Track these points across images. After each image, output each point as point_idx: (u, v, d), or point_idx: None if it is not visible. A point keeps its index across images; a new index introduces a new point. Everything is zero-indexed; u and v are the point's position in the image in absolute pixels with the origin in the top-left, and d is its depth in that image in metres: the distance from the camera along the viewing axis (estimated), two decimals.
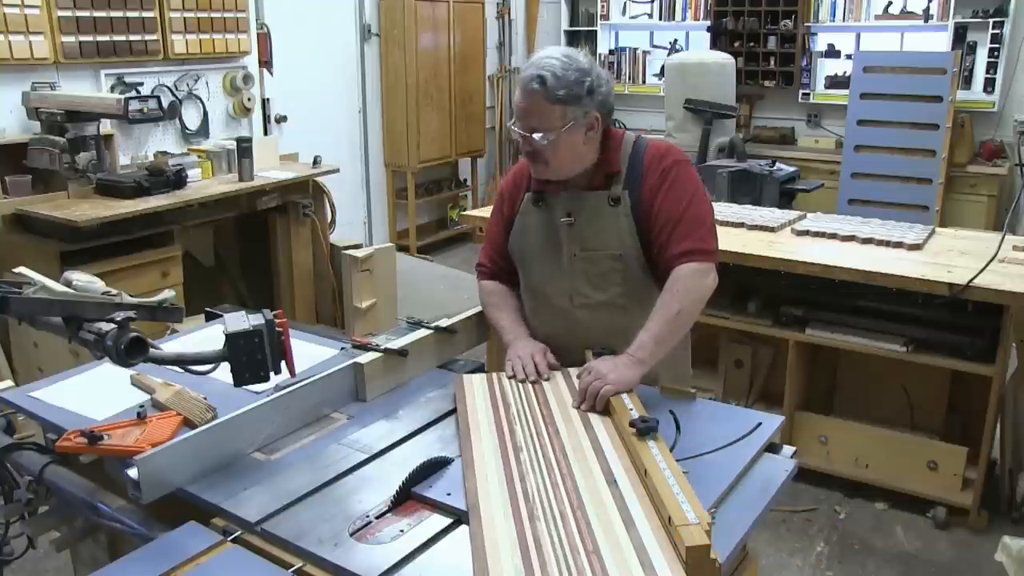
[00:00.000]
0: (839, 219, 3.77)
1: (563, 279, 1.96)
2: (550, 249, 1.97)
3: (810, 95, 6.35)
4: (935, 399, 3.30)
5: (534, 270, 2.01)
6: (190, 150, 4.43)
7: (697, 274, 1.81)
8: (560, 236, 1.94)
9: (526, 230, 2.00)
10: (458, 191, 7.14)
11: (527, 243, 2.01)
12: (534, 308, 2.06)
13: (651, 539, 1.24)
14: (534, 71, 1.79)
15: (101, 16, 4.00)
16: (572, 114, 1.80)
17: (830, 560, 2.92)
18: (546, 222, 1.97)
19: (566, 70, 1.79)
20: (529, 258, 2.01)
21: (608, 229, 1.90)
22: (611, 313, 1.93)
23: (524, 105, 1.82)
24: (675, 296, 1.79)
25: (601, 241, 1.91)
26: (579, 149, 1.87)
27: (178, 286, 3.75)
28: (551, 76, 1.78)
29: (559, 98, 1.78)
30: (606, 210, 1.91)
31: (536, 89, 1.79)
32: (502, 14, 7.27)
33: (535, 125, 1.81)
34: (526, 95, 1.81)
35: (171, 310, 1.58)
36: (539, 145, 1.82)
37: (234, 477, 1.50)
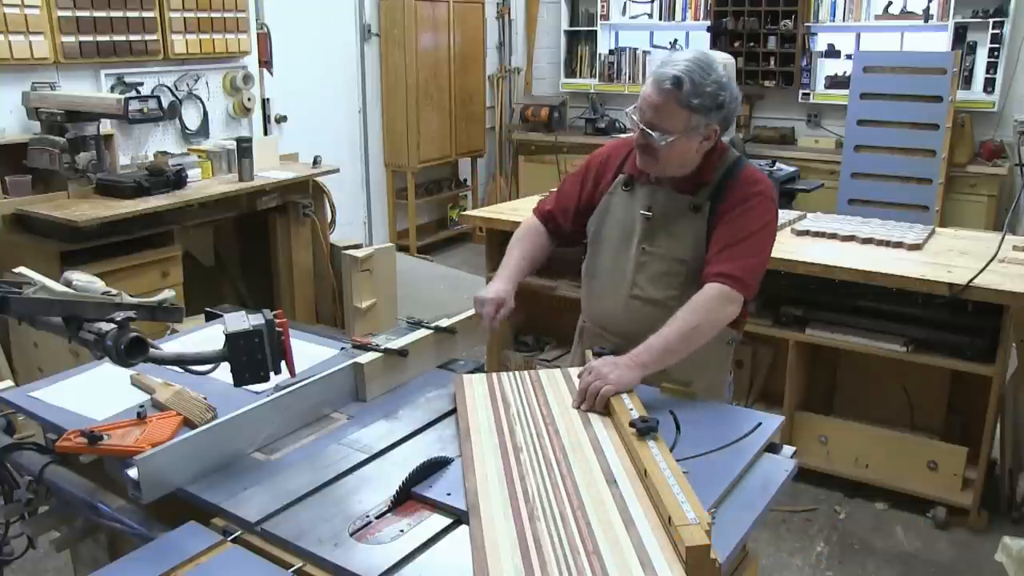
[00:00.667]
0: (839, 219, 3.77)
1: (627, 268, 2.00)
2: (623, 237, 2.01)
3: (810, 95, 6.35)
4: (935, 399, 3.30)
5: (603, 254, 2.05)
6: (190, 150, 4.43)
7: (724, 298, 1.82)
8: (635, 227, 1.98)
9: (608, 212, 2.04)
10: (458, 191, 7.15)
11: (605, 225, 2.04)
12: (592, 291, 2.11)
13: (651, 539, 1.24)
14: (673, 71, 1.78)
15: (101, 16, 4.00)
16: (696, 122, 1.81)
17: (830, 560, 2.92)
18: (628, 209, 2.00)
19: (704, 79, 1.78)
20: (602, 241, 2.05)
21: (681, 233, 1.93)
22: (661, 312, 1.93)
23: (654, 101, 1.81)
24: (697, 312, 1.80)
25: (671, 242, 1.94)
26: (690, 155, 1.89)
27: (178, 286, 3.75)
28: (689, 81, 1.77)
29: (691, 105, 1.79)
30: (686, 214, 1.93)
31: (669, 89, 1.79)
32: (502, 14, 7.27)
33: (657, 123, 1.82)
34: (659, 92, 1.80)
35: (171, 310, 1.58)
36: (653, 144, 1.83)
37: (234, 477, 1.50)
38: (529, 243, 2.13)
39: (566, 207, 2.12)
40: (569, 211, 2.11)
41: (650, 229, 1.96)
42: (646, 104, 1.83)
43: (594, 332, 2.12)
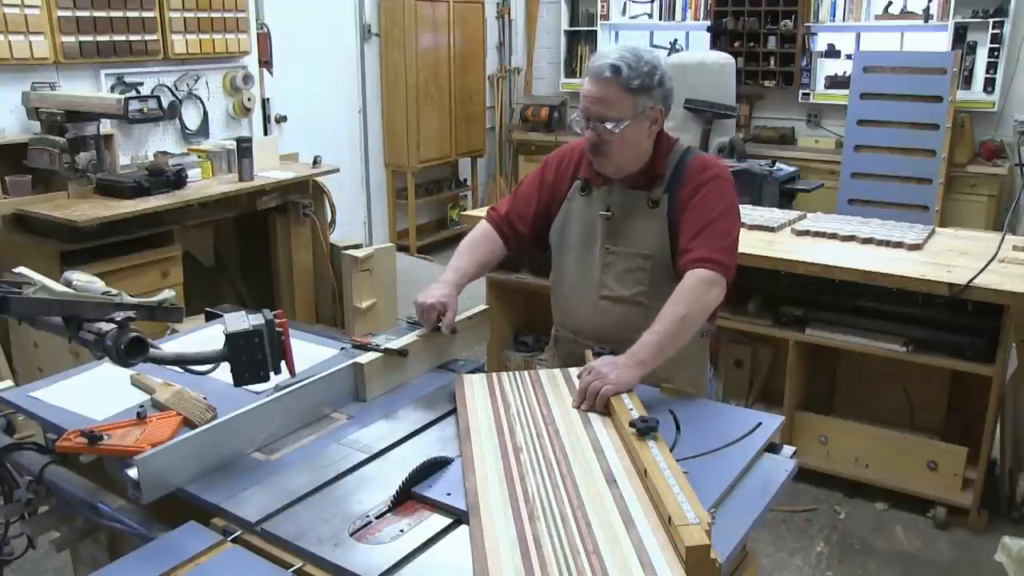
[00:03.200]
0: (839, 219, 3.77)
1: (593, 270, 2.01)
2: (586, 241, 2.02)
3: (810, 95, 6.35)
4: (935, 399, 3.29)
5: (569, 259, 2.07)
6: (190, 150, 4.43)
7: (707, 282, 1.83)
8: (597, 229, 2.00)
9: (568, 219, 2.06)
10: (458, 191, 7.15)
11: (567, 232, 2.06)
12: (562, 299, 2.12)
13: (651, 539, 1.24)
14: (608, 61, 1.83)
15: (101, 16, 3.99)
16: (642, 104, 1.86)
17: (830, 560, 2.92)
18: (587, 214, 2.02)
19: (639, 61, 1.84)
20: (566, 247, 2.07)
21: (642, 229, 1.95)
22: (631, 309, 1.96)
23: (598, 94, 1.85)
24: (683, 302, 1.80)
25: (634, 239, 1.96)
26: (642, 143, 1.93)
27: (178, 286, 3.75)
28: (626, 66, 1.83)
29: (633, 88, 1.84)
30: (644, 210, 1.95)
31: (610, 78, 1.83)
32: (502, 14, 7.27)
33: (606, 114, 1.85)
34: (600, 83, 1.84)
35: (171, 310, 1.58)
36: (606, 137, 1.86)
37: (234, 477, 1.50)
38: (480, 249, 2.11)
39: (523, 212, 2.12)
40: (527, 216, 2.11)
41: (611, 229, 1.98)
42: (591, 101, 1.87)
43: (568, 339, 2.12)
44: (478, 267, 2.10)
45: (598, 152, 1.91)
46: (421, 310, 1.95)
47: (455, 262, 2.08)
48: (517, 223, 2.13)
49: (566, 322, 2.12)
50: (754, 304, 3.40)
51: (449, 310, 1.94)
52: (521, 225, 2.12)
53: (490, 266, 2.16)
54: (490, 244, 2.13)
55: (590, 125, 1.88)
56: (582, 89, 1.90)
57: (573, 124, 1.96)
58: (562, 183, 2.08)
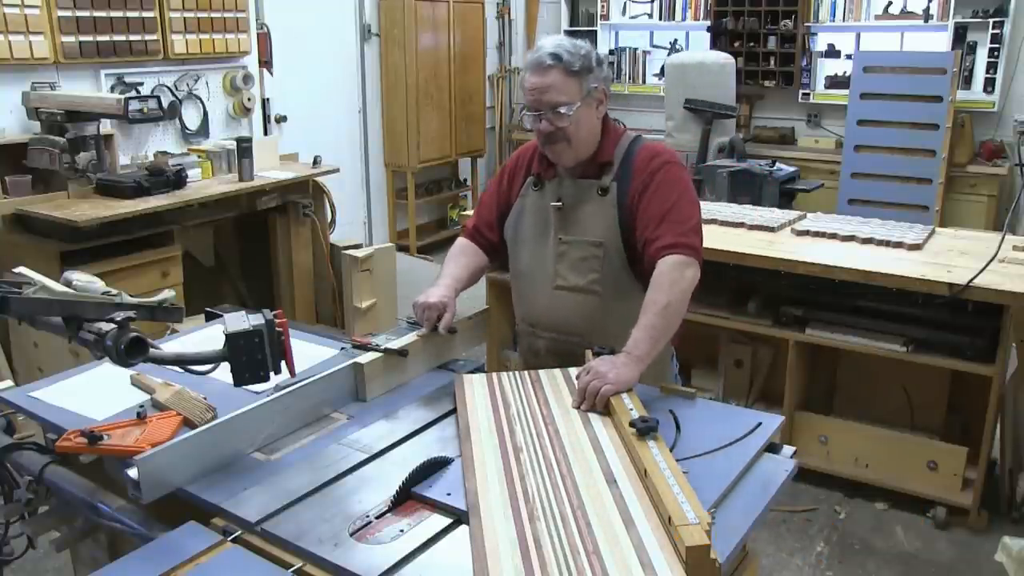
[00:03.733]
0: (839, 219, 3.77)
1: (547, 261, 2.03)
2: (540, 232, 2.05)
3: (810, 95, 6.35)
4: (935, 399, 3.29)
5: (524, 252, 2.09)
6: (190, 150, 4.43)
7: (679, 266, 1.84)
8: (549, 220, 2.02)
9: (522, 213, 2.08)
10: (458, 191, 7.15)
11: (521, 226, 2.09)
12: (520, 292, 2.14)
13: (651, 539, 1.24)
14: (545, 52, 1.88)
15: (101, 16, 3.99)
16: (587, 86, 1.90)
17: (830, 560, 2.92)
18: (540, 206, 2.05)
19: (574, 47, 1.89)
20: (521, 240, 2.09)
21: (593, 217, 1.97)
22: (586, 298, 1.99)
23: (543, 82, 1.88)
24: (662, 289, 1.81)
25: (585, 228, 1.98)
26: (594, 125, 1.96)
27: (178, 286, 3.75)
28: (564, 52, 1.87)
29: (575, 70, 1.88)
30: (594, 199, 1.98)
31: (552, 65, 1.87)
32: (502, 14, 7.27)
33: (557, 99, 1.88)
34: (544, 72, 1.88)
35: (171, 310, 1.58)
36: (561, 124, 1.89)
37: (234, 477, 1.50)
38: (466, 258, 2.15)
39: (489, 220, 2.16)
40: (492, 223, 2.15)
41: (563, 219, 2.00)
42: (538, 91, 1.89)
43: (527, 332, 2.14)
44: (468, 273, 2.12)
45: (554, 141, 1.93)
46: (421, 310, 1.96)
47: (448, 269, 2.10)
48: (486, 231, 2.16)
49: (524, 315, 2.14)
50: (754, 304, 3.40)
51: (448, 311, 1.96)
52: (490, 233, 2.15)
53: (479, 274, 2.18)
54: (473, 255, 2.16)
55: (542, 116, 1.90)
56: (526, 85, 1.92)
57: (523, 121, 1.98)
58: (516, 183, 2.12)
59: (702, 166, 5.11)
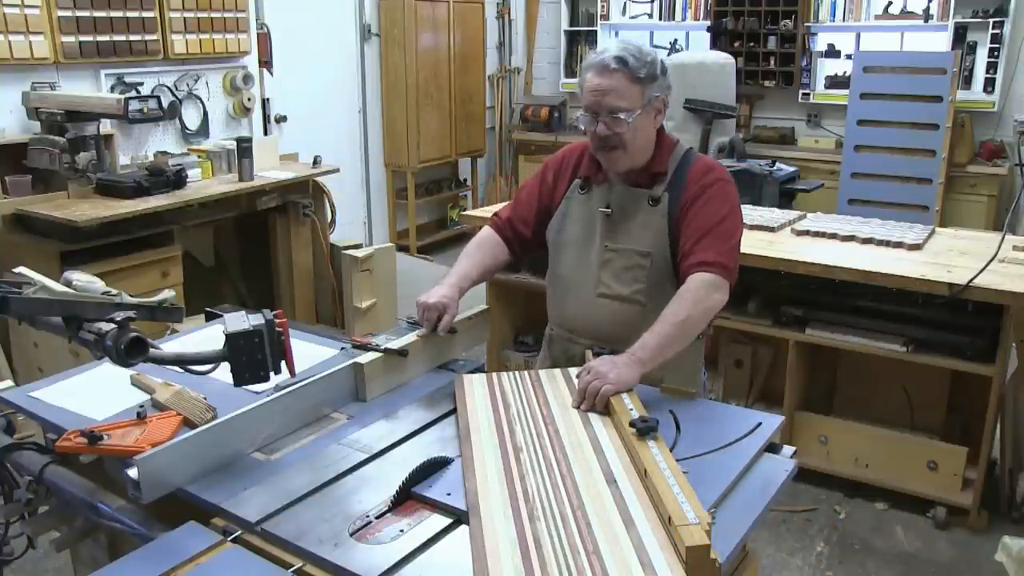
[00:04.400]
0: (839, 219, 3.77)
1: (591, 268, 2.00)
2: (585, 238, 2.02)
3: (810, 95, 6.35)
4: (935, 399, 3.30)
5: (566, 257, 2.06)
6: (190, 150, 4.43)
7: (710, 286, 1.82)
8: (596, 226, 1.99)
9: (567, 217, 2.05)
10: (458, 191, 7.15)
11: (565, 230, 2.06)
12: (558, 295, 2.10)
13: (651, 539, 1.24)
14: (611, 53, 1.84)
15: (101, 16, 3.99)
16: (648, 94, 1.87)
17: (830, 560, 2.92)
18: (586, 211, 2.02)
19: (641, 53, 1.86)
20: (564, 245, 2.06)
21: (642, 227, 1.94)
22: (629, 308, 1.96)
23: (607, 86, 1.85)
24: (685, 303, 1.80)
25: (633, 237, 1.95)
26: (650, 134, 1.94)
27: (178, 286, 3.75)
28: (631, 57, 1.84)
29: (640, 77, 1.85)
30: (644, 208, 1.95)
31: (617, 69, 1.84)
32: (502, 14, 7.27)
33: (618, 104, 1.85)
34: (608, 74, 1.84)
35: (171, 310, 1.58)
36: (619, 129, 1.86)
37: (234, 477, 1.50)
38: (483, 253, 2.11)
39: (525, 215, 2.12)
40: (529, 219, 2.11)
41: (611, 226, 1.98)
42: (599, 93, 1.86)
43: (563, 337, 2.10)
44: (481, 270, 2.10)
45: (609, 147, 1.90)
46: (421, 309, 1.95)
47: (458, 266, 2.08)
48: (520, 226, 2.12)
49: (562, 320, 2.11)
50: (754, 304, 3.40)
51: (448, 312, 1.94)
52: (524, 228, 2.12)
53: (494, 270, 2.16)
54: (493, 248, 2.13)
55: (600, 119, 1.87)
56: (586, 85, 1.89)
57: (579, 122, 1.94)
58: (562, 183, 2.08)
59: None
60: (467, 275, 2.05)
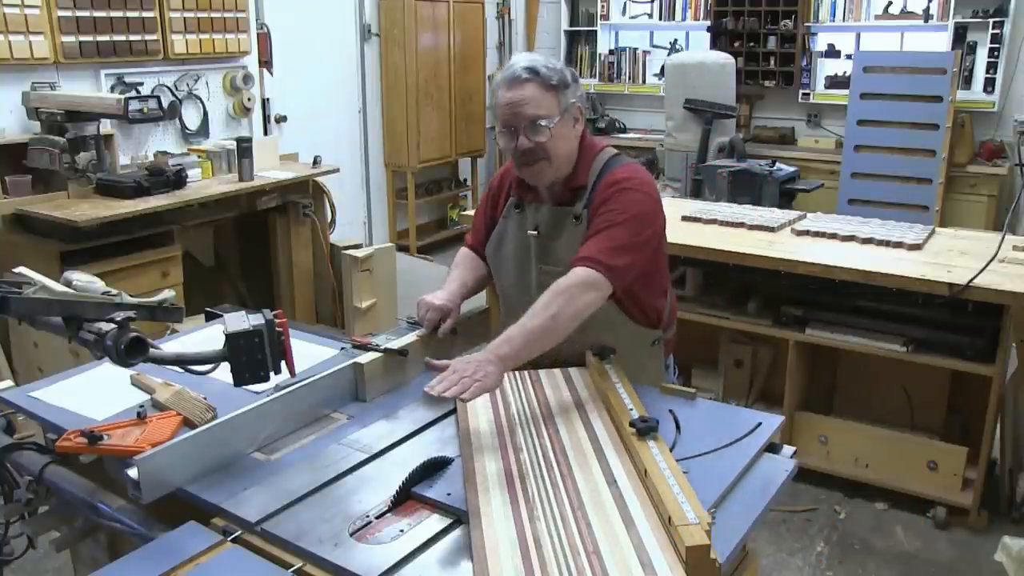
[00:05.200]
0: (839, 219, 3.77)
1: (530, 290, 1.98)
2: (521, 258, 2.01)
3: (810, 95, 6.35)
4: (935, 399, 3.30)
5: (506, 276, 2.06)
6: (190, 150, 4.43)
7: (585, 283, 1.76)
8: (530, 248, 1.98)
9: (503, 236, 2.04)
10: (458, 191, 7.15)
11: (502, 249, 2.05)
12: (506, 312, 2.10)
13: (651, 539, 1.24)
14: (519, 67, 1.83)
15: (101, 16, 4.00)
16: (564, 101, 1.84)
17: (830, 560, 2.92)
18: (520, 232, 2.01)
19: (547, 63, 1.85)
20: (503, 263, 2.06)
21: (569, 246, 1.91)
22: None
23: (521, 97, 1.81)
24: (558, 297, 1.73)
25: (561, 257, 1.92)
26: (572, 143, 1.91)
27: (178, 286, 3.75)
28: (541, 66, 1.82)
29: (553, 84, 1.83)
30: (568, 226, 1.92)
31: (529, 78, 1.82)
32: (502, 14, 7.27)
33: (535, 112, 1.82)
34: (520, 85, 1.82)
35: (171, 310, 1.58)
36: (541, 138, 1.83)
37: (234, 477, 1.50)
38: (470, 266, 2.12)
39: (480, 239, 2.13)
40: (483, 243, 2.12)
41: (542, 247, 1.96)
42: (515, 106, 1.82)
43: None
44: (476, 278, 2.10)
45: (532, 160, 1.86)
46: (425, 309, 1.95)
47: (457, 272, 2.08)
48: (480, 249, 2.13)
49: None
50: (754, 304, 3.40)
51: (451, 316, 1.94)
52: (483, 248, 2.12)
53: (484, 282, 2.15)
54: (476, 263, 2.13)
55: (520, 132, 1.83)
56: (500, 101, 1.85)
57: (497, 139, 1.90)
58: (500, 202, 2.08)
59: (702, 166, 5.11)
60: (466, 282, 2.06)
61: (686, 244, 3.33)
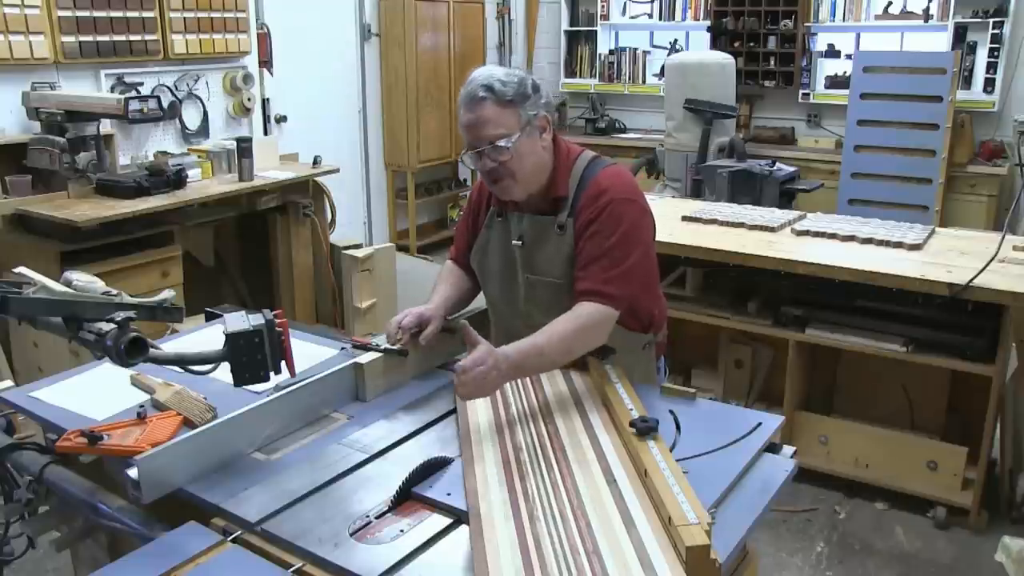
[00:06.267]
0: (839, 219, 3.77)
1: (516, 301, 1.99)
2: (506, 268, 2.00)
3: (810, 95, 6.35)
4: (935, 399, 3.30)
5: (493, 286, 2.05)
6: (190, 150, 4.43)
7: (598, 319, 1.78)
8: (515, 258, 1.97)
9: (487, 247, 2.03)
10: (458, 191, 7.14)
11: (487, 259, 2.04)
12: (495, 321, 2.10)
13: (651, 539, 1.24)
14: (476, 85, 1.79)
15: (101, 16, 4.00)
16: (525, 115, 1.81)
17: (830, 560, 2.92)
18: (504, 241, 1.99)
19: (506, 76, 1.81)
20: (489, 276, 2.05)
21: (553, 256, 1.90)
22: None
23: (478, 116, 1.79)
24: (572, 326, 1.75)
25: (548, 267, 1.91)
26: (540, 155, 1.87)
27: (178, 286, 3.74)
28: (497, 82, 1.78)
29: (510, 100, 1.79)
30: (552, 237, 1.91)
31: (485, 97, 1.78)
32: (502, 14, 7.27)
33: (495, 132, 1.79)
34: (477, 105, 1.78)
35: (171, 310, 1.58)
36: (503, 158, 1.80)
37: (234, 477, 1.50)
38: (454, 277, 2.10)
39: (463, 249, 2.11)
40: (466, 252, 2.10)
41: (527, 257, 1.94)
42: (473, 125, 1.80)
43: None
44: (458, 295, 2.07)
45: (499, 178, 1.84)
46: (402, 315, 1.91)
47: (440, 288, 2.05)
48: (463, 260, 2.12)
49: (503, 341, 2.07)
50: (754, 304, 3.40)
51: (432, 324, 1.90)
52: (466, 260, 2.11)
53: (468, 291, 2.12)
54: (461, 277, 2.11)
55: (483, 153, 1.81)
56: (460, 124, 1.83)
57: (464, 162, 1.88)
58: (483, 211, 2.06)
59: (702, 166, 5.11)
60: (448, 297, 2.03)
61: (686, 244, 3.33)
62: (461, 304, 2.09)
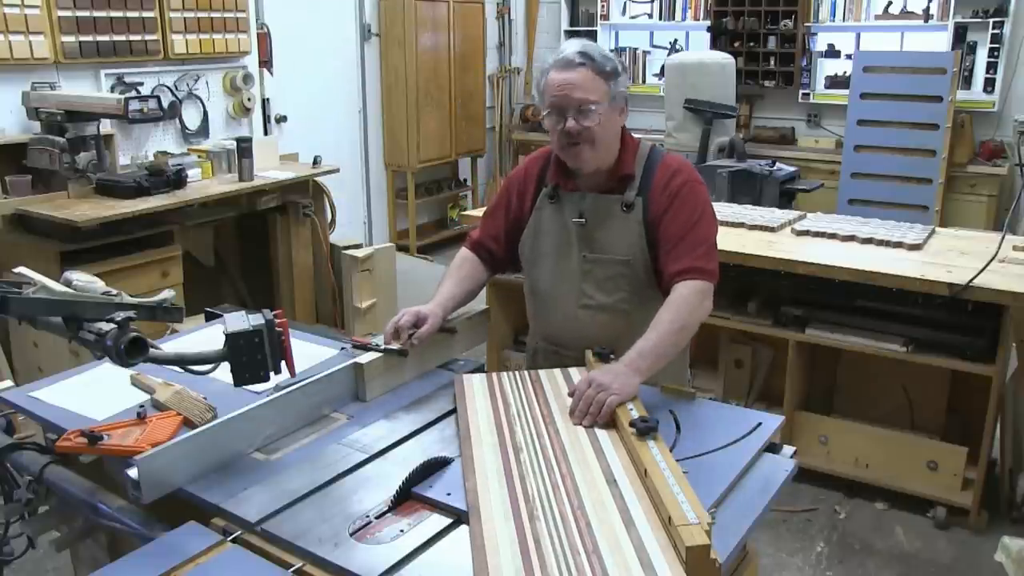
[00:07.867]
0: (839, 219, 3.77)
1: (571, 280, 1.97)
2: (561, 249, 1.99)
3: (810, 95, 6.35)
4: (935, 399, 3.30)
5: (544, 270, 2.02)
6: (190, 150, 4.43)
7: (699, 294, 1.82)
8: (571, 237, 1.96)
9: (539, 228, 2.01)
10: (458, 191, 7.15)
11: (539, 243, 2.02)
12: (538, 310, 2.08)
13: (651, 539, 1.24)
14: (573, 52, 1.83)
15: (101, 16, 4.00)
16: (613, 90, 1.86)
17: (830, 560, 2.93)
18: (558, 222, 1.98)
19: (599, 50, 1.86)
20: (540, 258, 2.02)
21: (619, 234, 1.92)
22: (614, 317, 1.94)
23: (571, 81, 1.82)
24: (681, 312, 1.79)
25: (611, 245, 1.93)
26: (616, 132, 1.92)
27: (178, 286, 3.75)
28: (594, 51, 1.84)
29: (604, 72, 1.84)
30: (618, 214, 1.92)
31: (584, 63, 1.83)
32: (502, 14, 7.27)
33: (585, 97, 1.82)
34: (572, 69, 1.82)
35: (171, 310, 1.58)
36: (588, 122, 1.83)
37: (234, 477, 1.50)
38: (463, 272, 2.08)
39: (495, 234, 2.09)
40: (499, 236, 2.09)
41: (587, 235, 1.95)
42: (566, 89, 1.82)
43: (549, 351, 2.07)
44: (464, 290, 2.05)
45: (577, 142, 1.85)
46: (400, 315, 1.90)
47: (445, 284, 2.04)
48: (491, 244, 2.10)
49: (547, 335, 2.08)
50: (754, 304, 3.40)
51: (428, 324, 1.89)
52: (495, 246, 2.09)
53: (476, 290, 2.11)
54: (473, 269, 2.10)
55: (567, 115, 1.83)
56: (549, 84, 1.85)
57: (543, 122, 1.91)
58: (528, 195, 2.04)
59: (702, 166, 5.11)
60: (452, 296, 2.02)
61: None
62: (465, 300, 2.08)
